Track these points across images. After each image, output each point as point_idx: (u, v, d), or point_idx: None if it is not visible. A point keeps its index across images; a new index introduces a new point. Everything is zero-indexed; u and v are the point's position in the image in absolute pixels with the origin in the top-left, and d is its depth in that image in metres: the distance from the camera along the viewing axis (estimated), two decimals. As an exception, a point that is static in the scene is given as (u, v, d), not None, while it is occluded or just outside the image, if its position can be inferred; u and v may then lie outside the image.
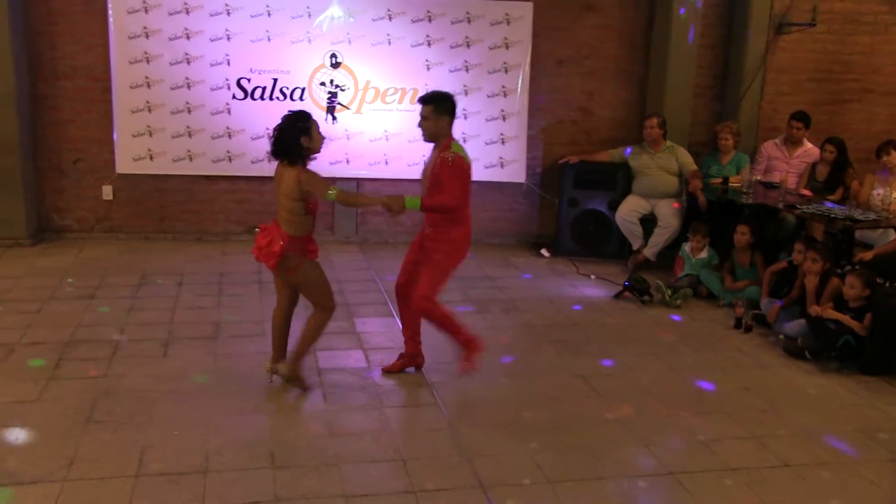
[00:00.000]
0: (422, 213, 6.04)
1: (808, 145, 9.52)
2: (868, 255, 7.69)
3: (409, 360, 6.37)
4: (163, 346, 6.65)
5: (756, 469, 5.04)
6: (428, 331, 6.23)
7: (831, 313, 6.79)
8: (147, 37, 9.45)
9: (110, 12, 9.36)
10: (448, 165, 5.87)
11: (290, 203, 5.61)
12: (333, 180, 5.79)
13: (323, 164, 9.71)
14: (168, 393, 5.77)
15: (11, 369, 6.09)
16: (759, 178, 9.20)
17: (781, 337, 7.22)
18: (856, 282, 6.77)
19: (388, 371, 6.31)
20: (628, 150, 9.71)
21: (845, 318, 6.72)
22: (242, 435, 5.21)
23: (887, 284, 7.21)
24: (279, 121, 5.74)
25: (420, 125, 5.99)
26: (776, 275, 7.95)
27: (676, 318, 7.92)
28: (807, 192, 8.95)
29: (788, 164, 9.49)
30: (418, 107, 5.99)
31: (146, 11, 9.39)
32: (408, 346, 6.37)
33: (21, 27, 9.24)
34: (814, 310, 6.94)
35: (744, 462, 5.11)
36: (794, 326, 7.11)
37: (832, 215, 7.91)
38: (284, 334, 6.00)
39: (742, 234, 8.32)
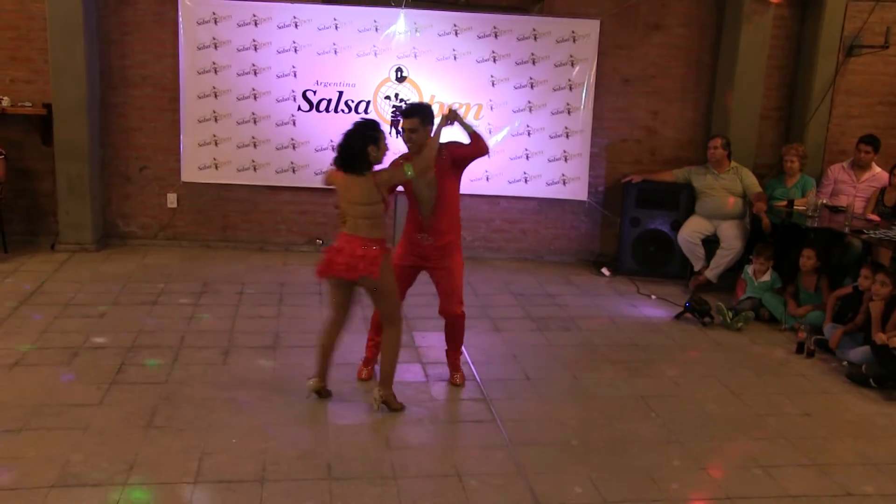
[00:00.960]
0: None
1: (877, 170, 9.34)
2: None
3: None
4: (223, 354, 6.72)
5: (817, 497, 4.94)
6: (483, 347, 6.21)
7: None
8: (216, 47, 9.59)
9: (181, 23, 9.53)
10: (453, 146, 6.11)
11: (372, 208, 5.55)
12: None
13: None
14: (227, 401, 5.82)
15: (75, 372, 6.18)
16: (824, 201, 9.05)
17: (845, 363, 7.09)
18: None
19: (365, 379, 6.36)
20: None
21: None
22: (300, 445, 5.23)
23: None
24: (348, 128, 5.64)
25: (408, 138, 5.92)
26: (840, 300, 7.81)
27: (738, 340, 7.82)
28: (874, 217, 8.78)
29: (856, 188, 9.33)
30: (483, 122, 5.99)
31: (216, 23, 9.54)
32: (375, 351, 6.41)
33: (95, 37, 9.45)
34: (879, 337, 6.80)
35: (805, 490, 5.02)
36: (859, 353, 6.98)
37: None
38: (332, 352, 5.92)
39: (808, 259, 8.20)
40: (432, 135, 5.88)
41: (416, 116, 5.90)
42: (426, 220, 6.04)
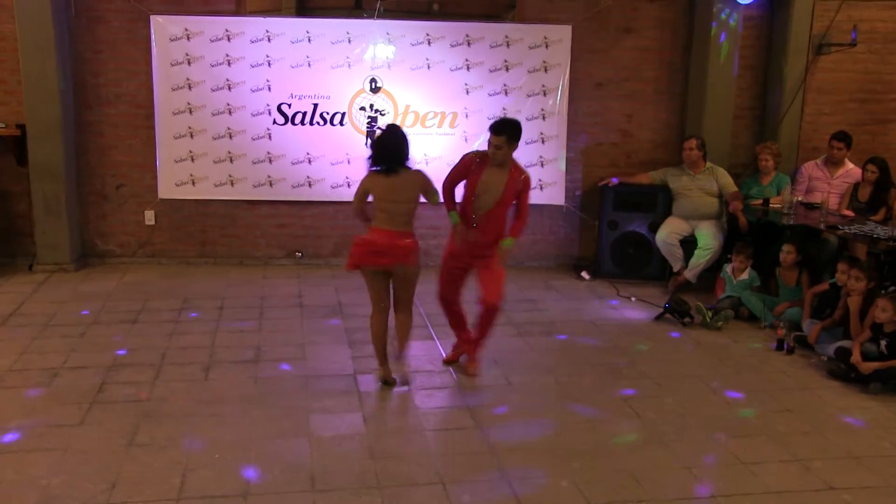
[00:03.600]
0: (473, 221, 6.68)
1: (850, 165, 9.43)
2: (912, 276, 7.58)
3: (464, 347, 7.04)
4: (204, 370, 6.70)
5: (799, 492, 4.98)
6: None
7: (868, 367, 6.62)
8: (189, 63, 9.59)
9: (153, 40, 9.52)
10: (529, 183, 6.65)
11: (413, 206, 6.25)
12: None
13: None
14: (209, 416, 5.81)
15: (55, 393, 6.15)
16: (799, 198, 9.12)
17: (824, 359, 7.15)
18: (888, 305, 6.68)
19: (449, 361, 7.01)
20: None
21: (885, 365, 6.59)
22: (283, 458, 5.22)
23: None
24: (383, 133, 6.40)
25: (493, 153, 6.45)
26: (818, 296, 7.87)
27: (718, 339, 7.86)
28: (849, 213, 8.85)
29: (830, 184, 9.41)
30: (459, 130, 6.35)
31: (188, 39, 9.53)
32: (466, 335, 7.00)
33: (67, 56, 9.41)
34: (855, 360, 6.72)
35: (787, 485, 5.05)
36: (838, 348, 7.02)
37: (875, 235, 7.81)
38: (386, 339, 6.45)
39: (788, 253, 8.27)
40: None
41: (503, 135, 6.37)
42: (477, 216, 6.59)
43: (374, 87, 9.84)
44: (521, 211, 6.67)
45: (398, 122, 9.75)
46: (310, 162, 9.89)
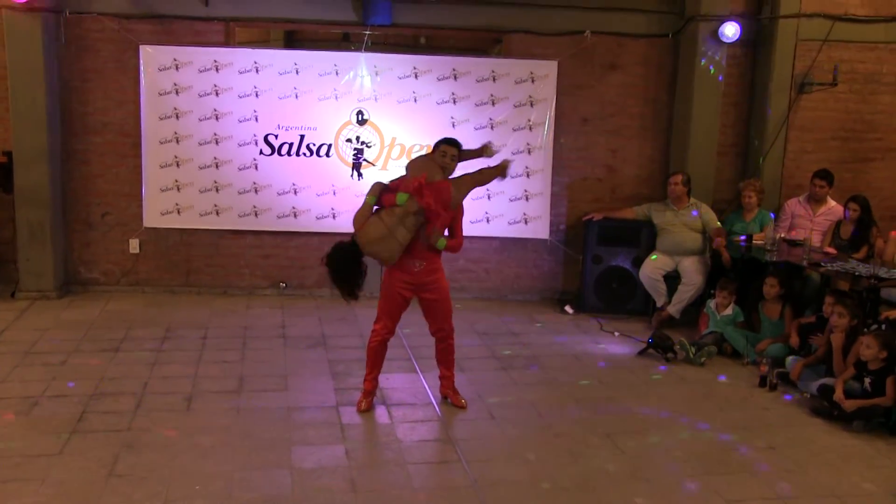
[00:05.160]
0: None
1: (832, 203, 9.50)
2: (894, 314, 7.59)
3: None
4: (186, 400, 6.67)
5: (782, 530, 4.98)
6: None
7: (851, 404, 6.62)
8: (177, 93, 9.62)
9: (142, 69, 9.56)
10: (462, 208, 6.61)
11: None
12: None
13: (347, 219, 9.88)
14: (190, 447, 5.78)
15: (35, 422, 6.11)
16: (782, 235, 9.18)
17: (807, 395, 7.16)
18: (872, 342, 6.67)
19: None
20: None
21: (868, 403, 6.59)
22: (264, 490, 5.20)
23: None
24: None
25: (448, 166, 6.51)
26: (802, 326, 7.90)
27: (701, 375, 7.87)
28: (831, 250, 8.91)
29: (812, 221, 9.47)
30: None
31: (177, 69, 9.57)
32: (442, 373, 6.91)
33: (56, 84, 9.43)
34: (838, 397, 6.72)
35: (770, 523, 5.06)
36: (820, 385, 7.03)
37: (857, 273, 7.85)
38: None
39: (771, 287, 8.31)
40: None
41: (456, 147, 6.57)
42: (424, 246, 6.40)
43: (360, 119, 9.88)
44: (455, 234, 6.57)
45: (384, 155, 9.85)
46: (295, 193, 9.91)
